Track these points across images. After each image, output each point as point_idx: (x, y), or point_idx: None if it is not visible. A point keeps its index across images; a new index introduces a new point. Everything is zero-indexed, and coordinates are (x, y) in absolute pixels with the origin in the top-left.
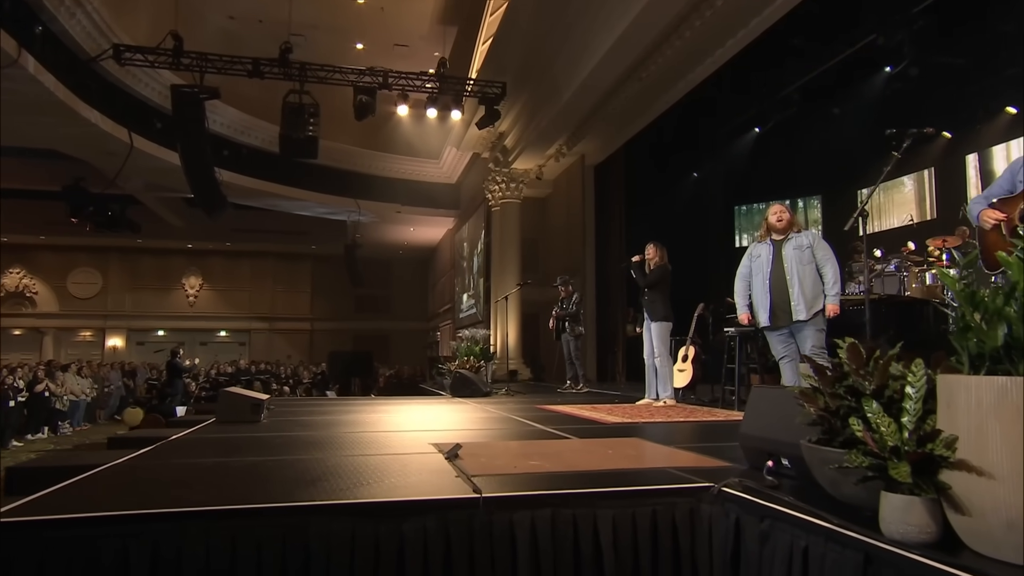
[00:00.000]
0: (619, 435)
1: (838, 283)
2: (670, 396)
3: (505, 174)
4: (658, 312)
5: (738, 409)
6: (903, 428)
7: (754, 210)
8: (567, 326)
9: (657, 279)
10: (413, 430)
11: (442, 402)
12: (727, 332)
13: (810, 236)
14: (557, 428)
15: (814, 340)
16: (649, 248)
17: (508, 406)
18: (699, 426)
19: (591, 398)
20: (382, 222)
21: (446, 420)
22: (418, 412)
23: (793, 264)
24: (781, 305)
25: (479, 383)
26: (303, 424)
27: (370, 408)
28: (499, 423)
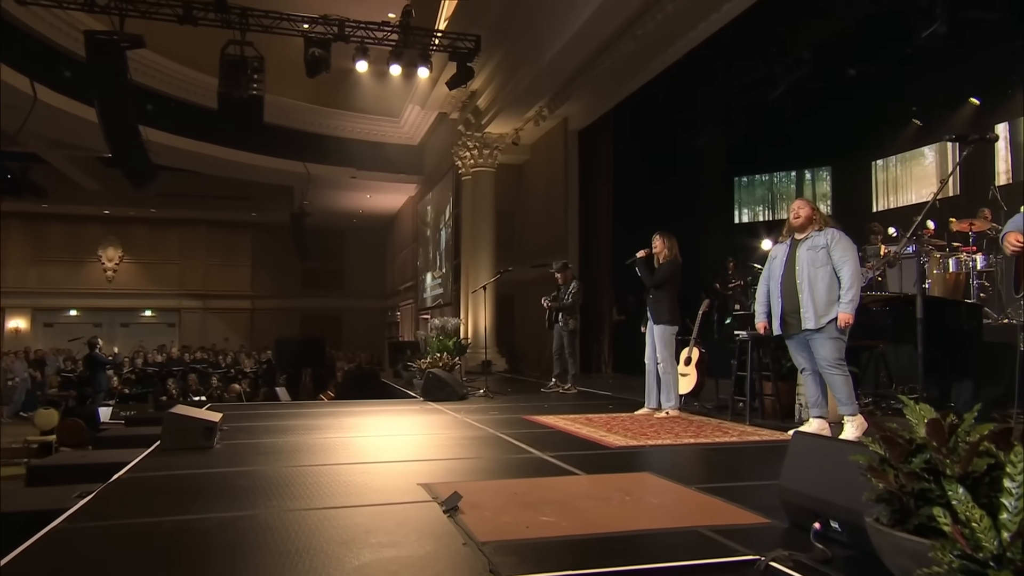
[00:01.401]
0: (626, 464)
1: (854, 288)
2: (674, 406)
3: (478, 139)
4: (663, 314)
5: (749, 421)
6: (1001, 527)
7: (756, 182)
8: (560, 318)
9: (665, 277)
10: (394, 461)
11: (414, 408)
12: (738, 336)
13: (828, 235)
14: (556, 456)
15: (827, 352)
16: (656, 240)
17: (491, 416)
18: (713, 451)
19: (580, 401)
20: (334, 188)
21: (427, 443)
22: (391, 427)
23: (804, 266)
24: (791, 312)
25: (455, 385)
26: (263, 452)
27: (335, 423)
28: (488, 447)
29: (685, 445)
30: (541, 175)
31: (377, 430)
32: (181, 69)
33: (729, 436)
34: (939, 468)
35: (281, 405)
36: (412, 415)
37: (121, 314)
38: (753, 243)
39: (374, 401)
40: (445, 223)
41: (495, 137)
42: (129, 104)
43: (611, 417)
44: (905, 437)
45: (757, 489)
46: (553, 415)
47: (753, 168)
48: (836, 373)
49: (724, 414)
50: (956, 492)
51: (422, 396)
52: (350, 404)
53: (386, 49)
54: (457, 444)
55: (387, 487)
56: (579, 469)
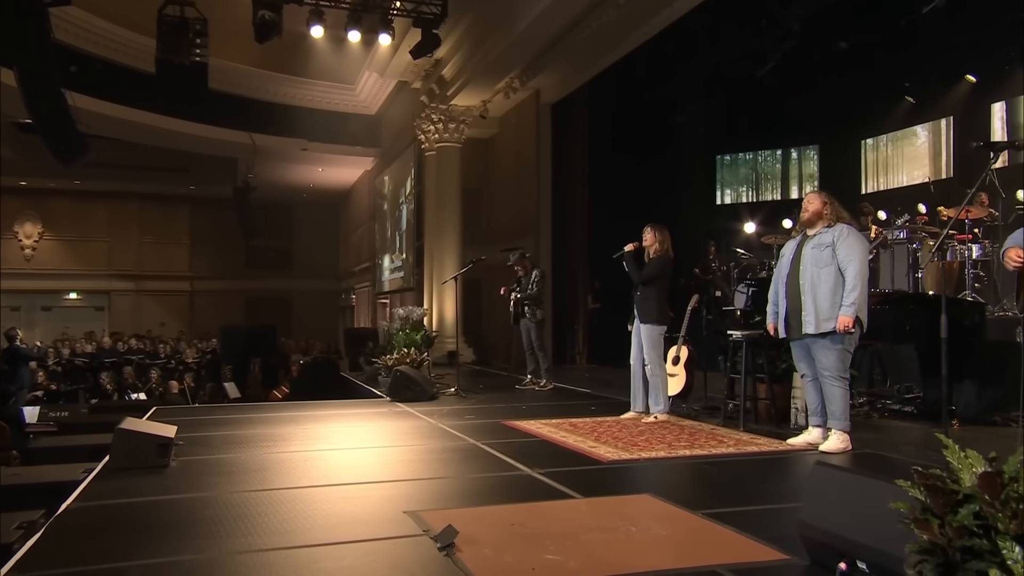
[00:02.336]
0: (621, 482)
1: (858, 290)
2: (662, 411)
3: (443, 112)
4: (650, 312)
5: (744, 427)
6: None
7: (739, 161)
8: (526, 310)
9: (655, 273)
10: (372, 481)
11: (382, 411)
12: (732, 336)
13: (836, 232)
14: (546, 473)
15: (829, 361)
16: (647, 232)
17: (468, 422)
18: (712, 466)
19: (559, 402)
20: (283, 160)
21: (404, 457)
22: (362, 437)
23: (808, 265)
24: (794, 314)
25: (424, 384)
26: (225, 472)
27: (300, 432)
28: (471, 462)
29: (681, 459)
30: (510, 151)
31: (346, 440)
32: (113, 29)
33: (725, 446)
34: (991, 523)
35: (237, 408)
36: (381, 420)
37: (42, 296)
38: (735, 226)
39: (337, 402)
40: (406, 200)
41: (461, 110)
42: (53, 68)
43: (596, 422)
44: (950, 486)
45: (768, 515)
46: (534, 420)
47: (736, 146)
48: (836, 385)
49: (715, 417)
50: (1012, 552)
51: (389, 396)
52: (311, 406)
53: (343, 13)
54: (437, 458)
55: (371, 517)
56: (573, 490)
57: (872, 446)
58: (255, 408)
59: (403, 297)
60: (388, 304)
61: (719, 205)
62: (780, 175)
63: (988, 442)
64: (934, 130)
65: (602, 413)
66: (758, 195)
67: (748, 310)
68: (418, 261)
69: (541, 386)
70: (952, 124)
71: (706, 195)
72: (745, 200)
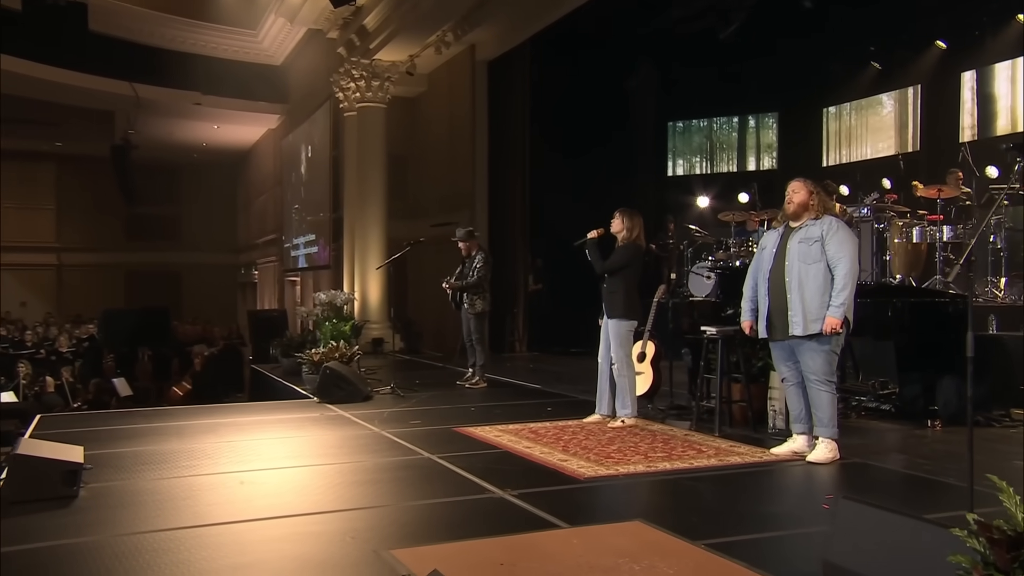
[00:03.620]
0: (605, 504)
1: (847, 290)
2: (630, 414)
3: (365, 68)
4: (617, 306)
5: (718, 431)
6: None
7: (693, 128)
8: (465, 299)
9: (620, 263)
10: (325, 511)
11: (313, 415)
12: (706, 333)
13: (825, 225)
14: (521, 495)
15: (816, 364)
16: (616, 218)
17: (415, 429)
18: (698, 482)
19: (511, 401)
20: (170, 115)
21: (356, 478)
22: (299, 451)
23: (795, 261)
24: (778, 313)
25: (358, 383)
26: (145, 502)
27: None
28: (434, 483)
29: (662, 474)
30: (442, 113)
31: (282, 455)
32: None
33: (706, 456)
34: None
35: (140, 415)
36: (316, 428)
37: None
38: (688, 199)
39: (258, 405)
40: (321, 166)
41: (386, 66)
42: None
43: (559, 428)
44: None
45: (773, 545)
46: (489, 425)
47: (690, 112)
48: (823, 389)
49: (683, 419)
50: None
51: (317, 396)
52: (229, 411)
53: None
54: (393, 477)
55: (336, 559)
56: (555, 516)
57: (858, 453)
58: (163, 415)
59: (317, 276)
60: (299, 283)
61: (670, 176)
62: (736, 145)
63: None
64: (900, 99)
65: (561, 415)
66: (712, 166)
67: (717, 301)
68: (336, 235)
69: (473, 384)
70: (920, 93)
71: (657, 165)
72: (699, 171)
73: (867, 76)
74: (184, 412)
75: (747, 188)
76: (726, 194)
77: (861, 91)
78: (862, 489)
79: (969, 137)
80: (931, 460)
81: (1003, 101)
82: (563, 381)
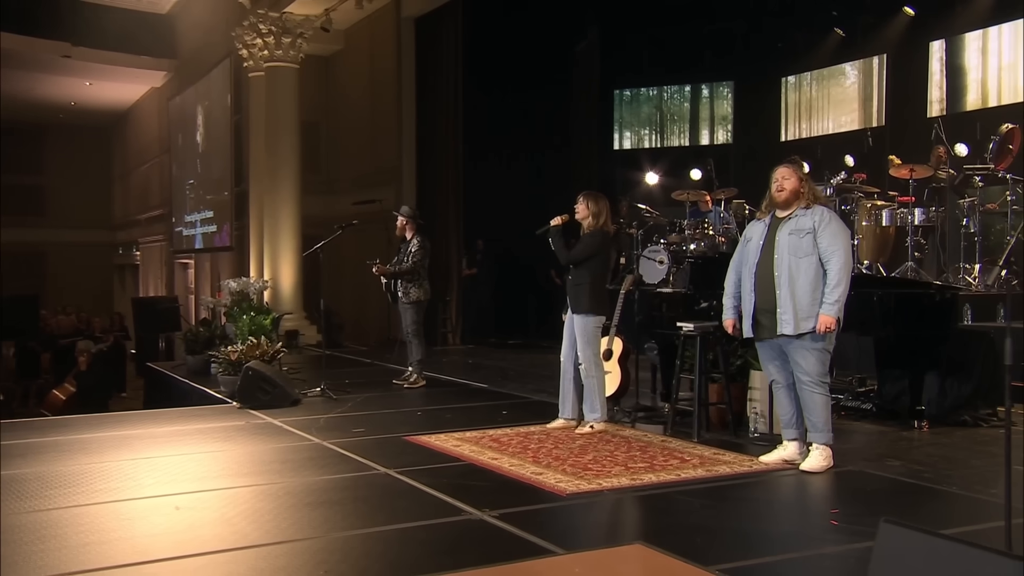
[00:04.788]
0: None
1: (842, 285)
2: (599, 418)
3: (274, 21)
4: (583, 300)
5: (697, 437)
6: None
7: (641, 97)
8: (400, 288)
9: (587, 252)
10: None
11: (238, 424)
12: (683, 329)
13: (816, 216)
14: (501, 516)
15: (808, 365)
16: (580, 203)
17: (360, 439)
18: (690, 497)
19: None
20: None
21: (306, 499)
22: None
23: (784, 255)
24: (765, 311)
25: (285, 385)
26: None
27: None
28: (399, 503)
29: (649, 487)
30: (361, 75)
31: (215, 473)
32: None
33: (692, 466)
34: None
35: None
36: (245, 440)
37: None
38: (636, 176)
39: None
40: (220, 133)
41: (299, 20)
42: None
43: (522, 435)
44: None
45: (791, 569)
46: (444, 433)
47: (638, 80)
48: (817, 391)
49: (653, 421)
50: None
51: (238, 401)
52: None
53: None
54: (354, 498)
55: None
56: (544, 539)
57: (850, 460)
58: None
59: (216, 260)
60: (192, 266)
61: (617, 150)
62: (689, 116)
63: (965, 447)
64: (865, 69)
65: (518, 419)
66: (662, 139)
67: (688, 293)
68: (239, 213)
69: (411, 383)
70: (885, 63)
71: (601, 136)
72: (647, 145)
73: (829, 44)
74: (84, 423)
75: (700, 164)
76: (677, 170)
77: (823, 60)
78: (864, 502)
79: (937, 112)
80: (928, 466)
81: (973, 74)
82: (510, 379)
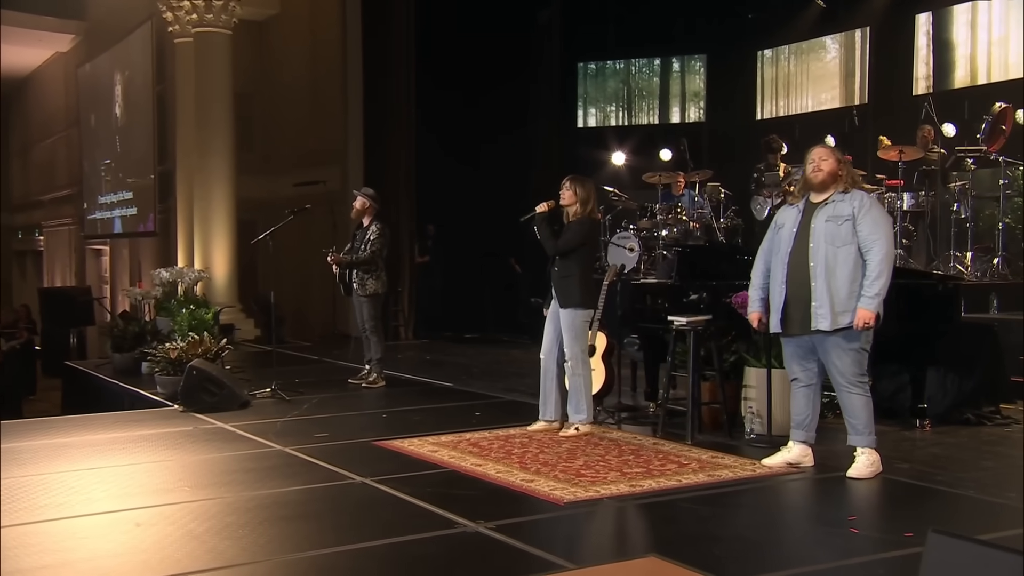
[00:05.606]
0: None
1: (883, 277)
2: (585, 420)
3: None
4: (572, 293)
5: (691, 439)
6: None
7: (607, 71)
8: (356, 279)
9: (576, 241)
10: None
11: (186, 430)
12: (675, 324)
13: (856, 201)
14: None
15: (845, 364)
16: (566, 188)
17: (323, 445)
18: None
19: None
20: None
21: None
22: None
23: (821, 243)
24: (798, 303)
25: (233, 386)
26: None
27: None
28: (383, 515)
29: (651, 494)
30: (301, 43)
31: (173, 485)
32: None
33: (692, 471)
34: None
35: None
36: (197, 446)
37: None
38: (601, 156)
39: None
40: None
41: None
42: None
43: (503, 438)
44: None
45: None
46: (417, 437)
47: (604, 53)
48: (856, 392)
49: (638, 422)
50: None
51: (181, 404)
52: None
53: None
54: (334, 510)
55: None
56: (550, 552)
57: None
58: None
59: (137, 246)
60: (107, 253)
61: (581, 128)
62: (659, 92)
63: (972, 447)
64: (847, 43)
65: (492, 421)
66: (630, 116)
67: (676, 285)
68: (164, 194)
69: (370, 383)
70: (868, 37)
71: (563, 113)
72: (614, 122)
73: (809, 16)
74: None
75: (670, 143)
76: (646, 149)
77: (802, 33)
78: (879, 507)
79: (924, 89)
80: (938, 469)
81: (961, 49)
82: (476, 377)
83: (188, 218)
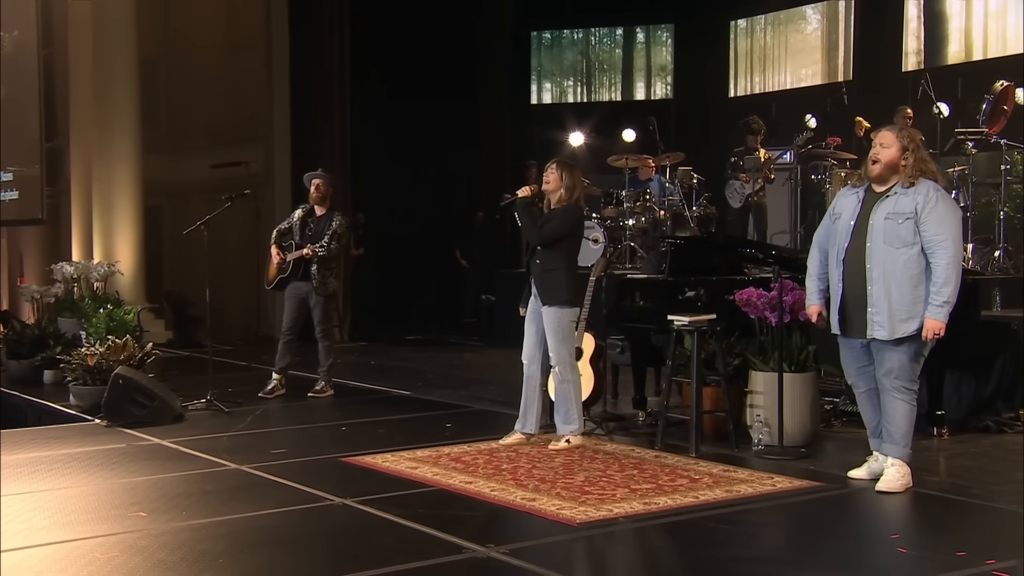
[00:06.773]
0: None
1: (952, 283)
2: (576, 431)
3: None
4: (558, 290)
5: (695, 451)
6: None
7: (563, 41)
8: (315, 277)
9: (563, 231)
10: None
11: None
12: (675, 324)
13: (922, 194)
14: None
15: (894, 364)
16: (551, 171)
17: (285, 462)
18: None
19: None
20: None
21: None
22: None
23: (878, 243)
24: (855, 305)
25: (165, 396)
26: None
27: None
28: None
29: (669, 512)
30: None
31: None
32: None
33: (707, 486)
34: None
35: None
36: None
37: None
38: (557, 136)
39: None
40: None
41: None
42: None
43: (486, 452)
44: None
45: None
46: (389, 452)
47: (560, 20)
48: (900, 398)
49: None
50: None
51: (105, 417)
52: None
53: None
54: (322, 534)
55: None
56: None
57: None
58: None
59: (18, 235)
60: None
61: (535, 105)
62: (621, 65)
63: (1000, 457)
64: (829, 13)
65: (465, 433)
66: (590, 92)
67: (669, 280)
68: (54, 176)
69: (317, 391)
70: (853, 7)
71: (515, 86)
72: (572, 99)
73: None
74: None
75: (635, 123)
76: (607, 130)
77: (780, 1)
78: (921, 523)
79: (914, 65)
80: (971, 481)
81: (955, 21)
82: (433, 384)
83: (84, 204)
